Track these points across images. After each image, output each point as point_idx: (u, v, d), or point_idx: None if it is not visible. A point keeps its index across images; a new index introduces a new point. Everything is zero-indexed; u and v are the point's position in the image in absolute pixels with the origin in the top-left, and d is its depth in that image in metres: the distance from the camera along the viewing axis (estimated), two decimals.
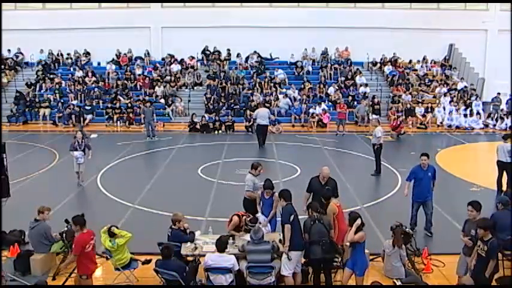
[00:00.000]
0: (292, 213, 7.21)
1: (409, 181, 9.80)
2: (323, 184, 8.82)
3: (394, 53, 27.73)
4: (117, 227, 7.67)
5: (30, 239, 8.28)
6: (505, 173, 12.58)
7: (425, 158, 9.66)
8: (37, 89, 25.49)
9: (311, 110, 23.14)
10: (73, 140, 13.03)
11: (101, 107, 23.86)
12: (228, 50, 27.82)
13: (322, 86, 25.56)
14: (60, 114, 23.17)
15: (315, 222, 7.18)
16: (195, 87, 26.14)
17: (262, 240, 7.17)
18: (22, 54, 27.88)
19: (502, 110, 24.48)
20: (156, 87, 25.29)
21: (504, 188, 12.43)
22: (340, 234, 7.83)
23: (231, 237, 7.68)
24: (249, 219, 8.12)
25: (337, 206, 8.04)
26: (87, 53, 28.21)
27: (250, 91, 25.01)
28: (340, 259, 7.58)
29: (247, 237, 7.50)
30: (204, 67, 27.44)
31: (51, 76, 26.09)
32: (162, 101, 24.65)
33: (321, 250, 7.03)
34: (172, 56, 27.44)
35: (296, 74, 26.93)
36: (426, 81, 26.62)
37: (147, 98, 23.86)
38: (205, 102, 24.19)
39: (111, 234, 7.51)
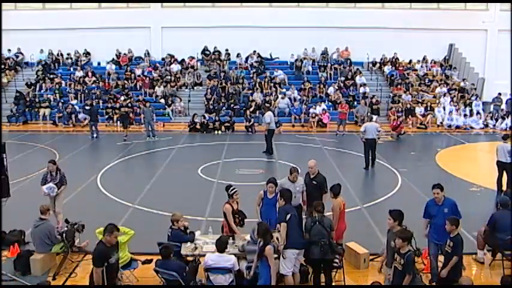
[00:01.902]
0: (289, 213, 7.25)
1: (425, 218, 7.95)
2: (311, 178, 8.93)
3: (394, 53, 27.73)
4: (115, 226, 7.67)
5: (32, 238, 8.26)
6: (505, 173, 12.55)
7: (438, 191, 7.72)
8: (37, 89, 25.50)
9: (311, 110, 23.15)
10: (45, 172, 10.26)
11: (101, 107, 23.85)
12: (227, 50, 27.82)
13: (322, 86, 25.57)
14: (60, 114, 23.17)
15: (315, 223, 7.18)
16: (195, 87, 26.15)
17: None
18: (22, 54, 27.90)
19: (502, 110, 24.50)
20: (156, 87, 25.30)
21: (504, 188, 12.42)
22: (338, 232, 7.94)
23: (231, 237, 7.67)
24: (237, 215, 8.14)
25: (343, 203, 8.14)
26: (87, 53, 28.22)
27: (250, 91, 25.02)
28: (340, 259, 7.57)
29: (248, 237, 7.50)
30: (204, 67, 27.45)
31: (51, 76, 26.10)
32: (162, 101, 24.65)
33: (320, 251, 7.03)
34: (172, 56, 27.45)
35: (296, 74, 26.93)
36: (426, 81, 26.62)
37: (146, 98, 23.90)
38: (205, 102, 24.19)
39: None
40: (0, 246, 8.61)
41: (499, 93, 25.16)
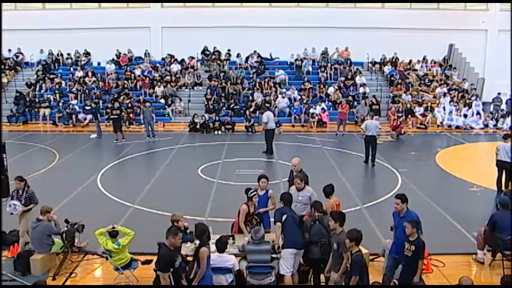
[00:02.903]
0: (284, 213, 7.26)
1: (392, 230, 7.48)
2: (295, 175, 8.89)
3: (394, 53, 27.74)
4: (114, 228, 7.68)
5: (31, 239, 8.27)
6: (504, 173, 12.59)
7: (398, 202, 7.20)
8: (37, 89, 25.50)
9: (311, 110, 23.16)
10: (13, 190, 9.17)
11: (101, 107, 23.85)
12: (229, 50, 27.83)
13: (322, 86, 25.57)
14: (60, 114, 23.18)
15: (315, 223, 7.19)
16: (195, 87, 26.15)
17: (263, 240, 7.18)
18: (22, 54, 27.90)
19: (502, 110, 24.51)
20: (156, 87, 25.30)
21: (503, 188, 12.44)
22: None
23: (231, 237, 7.68)
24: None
25: (336, 204, 8.07)
26: (87, 53, 28.23)
27: (250, 91, 25.02)
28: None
29: (248, 237, 7.51)
30: (204, 67, 27.46)
31: (51, 76, 26.10)
32: (162, 101, 24.65)
33: (319, 251, 7.04)
34: (172, 56, 27.45)
35: (296, 73, 26.94)
36: (426, 81, 26.62)
37: (146, 98, 23.87)
38: (205, 102, 24.20)
39: (113, 235, 7.53)
40: (0, 246, 8.61)
41: (499, 93, 25.17)
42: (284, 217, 7.23)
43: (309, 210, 7.99)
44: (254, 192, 8.07)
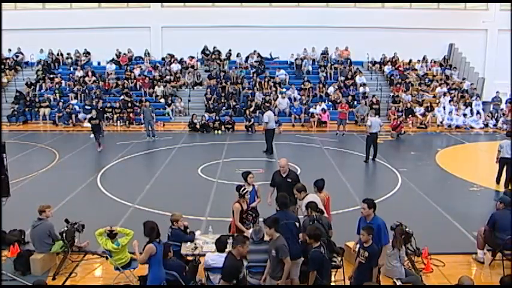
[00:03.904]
0: (280, 219, 7.05)
1: (358, 234, 6.97)
2: (284, 176, 8.97)
3: (395, 53, 27.74)
4: (112, 231, 7.67)
5: (32, 238, 8.27)
6: (504, 170, 12.94)
7: (365, 207, 6.97)
8: (37, 88, 25.49)
9: (311, 110, 23.15)
10: None
11: (101, 106, 23.83)
12: (229, 50, 27.82)
13: (322, 85, 25.57)
14: (60, 114, 23.18)
15: (313, 222, 7.18)
16: (195, 87, 26.15)
17: (263, 240, 7.16)
18: (22, 54, 27.89)
19: (502, 109, 24.51)
20: (156, 87, 25.30)
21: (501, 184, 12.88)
22: None
23: (230, 237, 7.67)
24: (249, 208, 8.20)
25: (326, 198, 8.20)
26: (87, 53, 28.23)
27: (250, 91, 25.02)
28: (339, 259, 7.57)
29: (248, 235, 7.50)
30: (204, 67, 27.46)
31: (51, 76, 26.10)
32: (162, 100, 24.65)
33: None
34: (172, 56, 27.44)
35: (296, 73, 26.94)
36: (426, 81, 26.63)
37: (146, 97, 23.86)
38: (205, 102, 24.20)
39: (112, 236, 7.53)
40: (0, 246, 8.60)
41: (497, 92, 25.19)
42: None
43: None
44: (246, 189, 8.19)
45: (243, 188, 8.18)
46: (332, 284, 7.15)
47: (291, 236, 6.90)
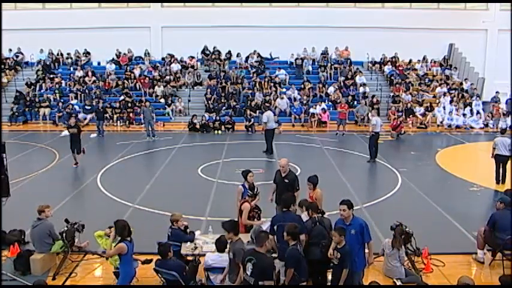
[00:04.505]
0: (276, 223, 7.12)
1: None
2: (283, 176, 9.03)
3: (395, 53, 27.74)
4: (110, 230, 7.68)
5: (32, 238, 8.27)
6: (501, 167, 13.22)
7: (344, 208, 6.65)
8: (37, 88, 25.49)
9: (311, 110, 23.15)
10: None
11: (101, 106, 23.82)
12: (229, 50, 27.82)
13: (322, 85, 25.57)
14: (60, 114, 23.18)
15: (316, 224, 7.17)
16: (195, 87, 26.15)
17: None
18: (22, 54, 27.89)
19: (501, 109, 24.49)
20: (156, 87, 25.30)
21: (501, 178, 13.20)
22: None
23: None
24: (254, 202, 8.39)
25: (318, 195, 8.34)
26: (87, 53, 28.23)
27: (250, 91, 25.02)
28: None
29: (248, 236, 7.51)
30: (204, 67, 27.46)
31: (51, 76, 26.10)
32: (162, 100, 24.65)
33: (320, 252, 7.01)
34: (172, 56, 27.44)
35: (296, 73, 26.94)
36: (426, 81, 26.63)
37: (145, 98, 23.85)
38: (205, 101, 24.20)
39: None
40: (0, 246, 8.60)
41: (497, 92, 25.19)
42: (275, 228, 7.06)
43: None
44: (258, 190, 8.54)
45: (256, 188, 8.45)
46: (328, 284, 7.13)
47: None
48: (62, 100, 24.20)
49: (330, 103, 24.33)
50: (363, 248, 6.75)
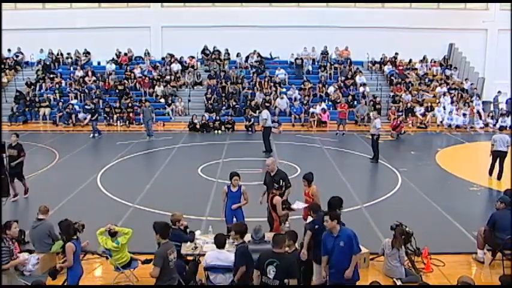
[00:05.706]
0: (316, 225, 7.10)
1: (324, 255, 6.41)
2: (272, 176, 9.10)
3: (396, 53, 27.74)
4: (116, 225, 7.70)
5: (31, 238, 8.27)
6: (498, 162, 13.60)
7: (327, 219, 6.22)
8: (37, 88, 25.48)
9: (311, 110, 23.15)
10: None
11: (101, 106, 23.85)
12: (228, 50, 27.82)
13: (322, 85, 25.57)
14: (60, 114, 23.18)
15: (320, 225, 7.15)
16: (195, 87, 26.15)
17: (263, 239, 7.17)
18: (22, 54, 27.89)
19: (501, 109, 24.51)
20: (156, 87, 25.30)
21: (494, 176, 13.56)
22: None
23: (227, 237, 7.66)
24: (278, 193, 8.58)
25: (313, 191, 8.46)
26: (87, 53, 28.23)
27: (250, 91, 25.02)
28: None
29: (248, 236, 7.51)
30: (204, 67, 27.46)
31: (51, 76, 26.10)
32: (162, 100, 24.65)
33: None
34: (172, 56, 27.44)
35: (296, 72, 26.94)
36: (426, 80, 26.63)
37: (145, 98, 23.85)
38: (205, 101, 24.20)
39: (113, 234, 7.54)
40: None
41: (499, 92, 25.20)
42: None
43: None
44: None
45: (281, 181, 8.71)
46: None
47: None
48: (62, 100, 24.20)
49: (330, 103, 24.33)
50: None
